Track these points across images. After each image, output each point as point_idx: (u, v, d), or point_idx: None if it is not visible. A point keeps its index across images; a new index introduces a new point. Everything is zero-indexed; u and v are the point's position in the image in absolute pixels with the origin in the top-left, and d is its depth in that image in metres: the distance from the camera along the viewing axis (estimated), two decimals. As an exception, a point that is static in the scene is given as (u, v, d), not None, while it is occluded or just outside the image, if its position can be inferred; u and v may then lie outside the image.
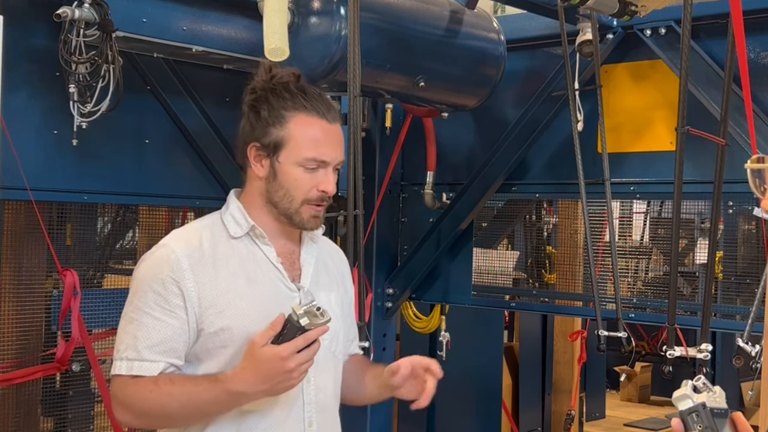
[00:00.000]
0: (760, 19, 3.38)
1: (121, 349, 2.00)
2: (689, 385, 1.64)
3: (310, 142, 2.05)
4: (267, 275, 2.08)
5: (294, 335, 1.86)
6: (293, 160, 2.05)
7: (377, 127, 4.35)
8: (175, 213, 3.88)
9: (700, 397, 1.60)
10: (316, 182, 2.06)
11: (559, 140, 3.99)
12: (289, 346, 1.86)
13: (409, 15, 3.42)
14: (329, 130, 2.08)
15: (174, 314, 1.99)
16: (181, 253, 2.02)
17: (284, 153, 2.05)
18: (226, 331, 1.99)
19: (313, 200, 2.07)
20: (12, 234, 3.22)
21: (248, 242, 2.10)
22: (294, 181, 2.05)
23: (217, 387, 1.92)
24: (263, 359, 1.87)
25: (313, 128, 2.06)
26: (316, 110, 2.06)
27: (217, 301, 2.00)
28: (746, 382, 7.41)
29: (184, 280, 1.99)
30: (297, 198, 2.06)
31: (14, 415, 3.27)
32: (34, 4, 3.14)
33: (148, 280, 2.01)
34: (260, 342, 1.88)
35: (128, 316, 2.02)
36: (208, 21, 3.38)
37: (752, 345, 3.17)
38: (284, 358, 1.85)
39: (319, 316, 1.87)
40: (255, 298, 2.03)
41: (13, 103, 3.06)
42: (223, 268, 2.04)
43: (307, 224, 2.10)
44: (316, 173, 2.06)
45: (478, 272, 4.30)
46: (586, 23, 3.60)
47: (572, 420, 6.23)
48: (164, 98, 3.59)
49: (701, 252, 3.99)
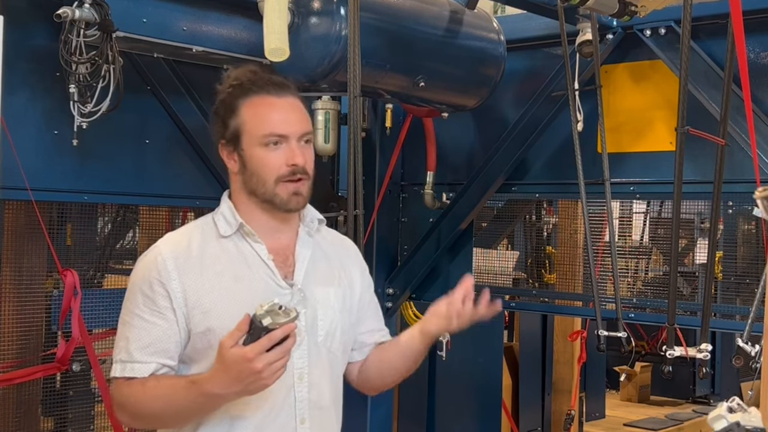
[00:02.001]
0: (760, 19, 3.38)
1: (117, 352, 2.04)
2: (724, 406, 1.66)
3: (262, 120, 2.06)
4: (257, 273, 2.07)
5: (259, 335, 1.83)
6: (252, 142, 2.06)
7: (377, 127, 4.35)
8: (175, 213, 3.88)
9: (735, 417, 1.62)
10: (283, 158, 2.05)
11: (559, 140, 3.99)
12: (255, 347, 1.83)
13: (409, 15, 3.42)
14: (280, 104, 2.08)
15: (162, 315, 2.00)
16: (168, 254, 2.04)
17: (244, 139, 2.06)
18: (211, 332, 2.00)
19: (285, 176, 2.05)
20: (12, 234, 3.23)
21: (238, 240, 2.09)
22: (260, 162, 2.05)
23: (194, 389, 1.93)
24: (231, 361, 1.85)
25: (262, 106, 2.07)
26: (264, 90, 2.08)
27: (202, 301, 2.02)
28: (746, 382, 7.41)
29: (170, 282, 2.01)
30: (268, 179, 2.05)
31: (14, 415, 3.27)
32: (34, 4, 3.14)
33: (138, 283, 2.04)
34: (228, 343, 1.86)
35: (122, 318, 2.06)
36: (208, 21, 3.38)
37: (752, 345, 3.17)
38: (250, 359, 1.83)
39: (282, 314, 1.84)
40: (240, 298, 2.02)
41: (14, 103, 3.06)
42: (210, 267, 2.04)
43: (289, 203, 2.07)
44: (279, 149, 2.05)
45: (478, 272, 4.31)
46: (586, 23, 3.60)
47: (572, 420, 6.23)
48: (164, 98, 3.59)
49: (701, 252, 3.99)
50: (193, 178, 3.72)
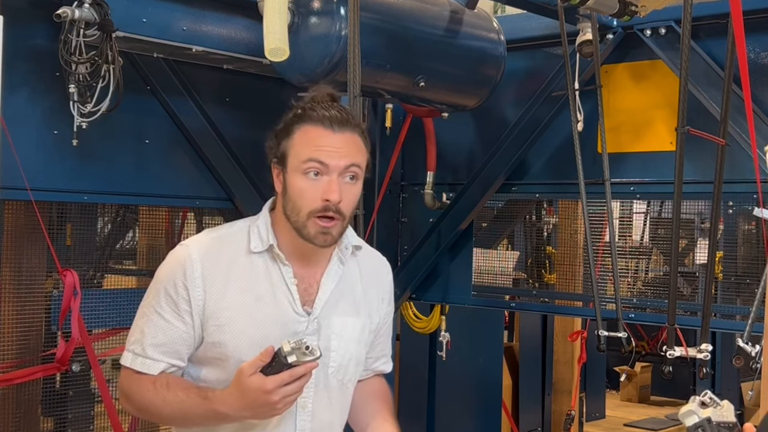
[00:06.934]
0: (760, 19, 3.38)
1: (131, 341, 2.06)
2: (696, 401, 1.64)
3: (308, 145, 2.02)
4: (277, 296, 2.07)
5: (281, 369, 1.88)
6: (295, 167, 2.02)
7: (377, 127, 4.35)
8: (175, 213, 3.88)
9: (706, 412, 1.60)
10: (320, 191, 2.00)
11: (559, 140, 3.99)
12: (275, 380, 1.87)
13: (409, 15, 3.42)
14: (332, 136, 2.02)
15: (181, 318, 2.02)
16: (197, 259, 2.03)
17: (289, 162, 2.03)
18: (222, 346, 2.02)
19: (317, 211, 2.00)
20: (12, 234, 3.23)
21: (268, 259, 2.08)
22: (298, 190, 2.02)
23: (205, 404, 1.97)
24: (249, 388, 1.89)
25: (314, 133, 2.03)
26: (320, 121, 2.03)
27: (219, 315, 2.02)
28: (746, 382, 7.42)
29: (194, 288, 2.02)
30: (303, 210, 2.02)
31: (14, 415, 3.27)
32: (34, 4, 3.14)
33: (163, 281, 2.05)
34: (248, 371, 1.90)
35: (142, 309, 2.08)
36: (208, 21, 3.38)
37: (752, 345, 3.17)
38: (269, 391, 1.88)
39: (308, 353, 1.88)
40: (256, 319, 2.03)
41: (13, 103, 3.06)
42: (234, 282, 2.04)
43: (315, 240, 2.03)
44: (319, 181, 2.01)
45: (478, 272, 4.30)
46: (586, 23, 3.60)
47: (572, 420, 6.24)
48: (164, 98, 3.59)
49: (701, 252, 3.99)
50: (192, 178, 3.72)
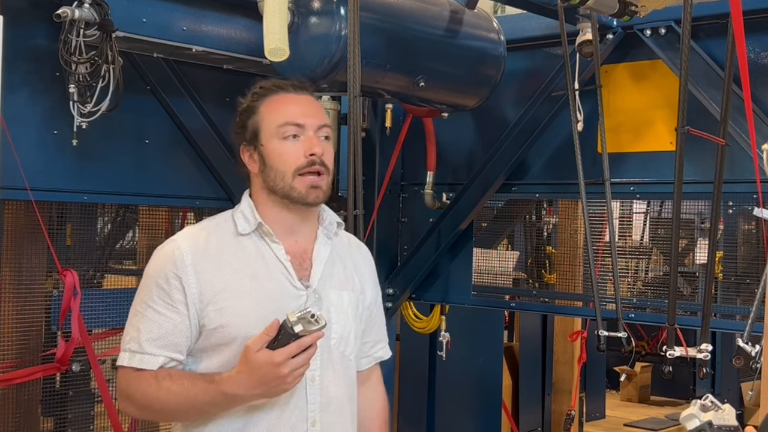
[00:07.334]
0: (760, 19, 3.38)
1: (126, 341, 2.05)
2: (697, 404, 1.64)
3: (279, 111, 2.09)
4: (273, 273, 2.08)
5: (288, 341, 1.87)
6: (270, 135, 2.08)
7: (377, 127, 4.35)
8: (175, 213, 3.88)
9: (707, 416, 1.60)
10: (302, 149, 2.06)
11: (559, 140, 3.99)
12: (283, 352, 1.87)
13: (409, 15, 3.42)
14: (298, 98, 2.12)
15: (176, 309, 2.02)
16: (186, 249, 2.05)
17: (262, 135, 2.09)
18: (225, 328, 2.01)
19: (303, 167, 2.06)
20: (12, 234, 3.23)
21: (257, 239, 2.10)
22: (279, 156, 2.07)
23: (213, 388, 1.95)
24: (257, 364, 1.89)
25: (280, 100, 2.11)
26: (282, 88, 2.13)
27: (217, 299, 2.02)
28: (746, 382, 7.42)
29: (186, 276, 2.02)
30: (288, 171, 2.06)
31: (14, 415, 3.27)
32: (34, 4, 3.14)
33: (153, 275, 2.05)
34: (254, 347, 1.89)
35: (134, 308, 2.07)
36: (208, 21, 3.38)
37: (752, 345, 3.17)
38: (278, 364, 1.87)
39: (314, 322, 1.88)
40: (256, 298, 2.04)
41: (13, 103, 3.06)
42: (227, 265, 2.05)
43: (308, 197, 2.08)
44: (297, 141, 2.07)
45: (478, 272, 4.30)
46: (586, 23, 3.60)
47: (572, 420, 6.23)
48: (164, 98, 3.59)
49: (701, 252, 3.99)
50: (192, 178, 3.72)
